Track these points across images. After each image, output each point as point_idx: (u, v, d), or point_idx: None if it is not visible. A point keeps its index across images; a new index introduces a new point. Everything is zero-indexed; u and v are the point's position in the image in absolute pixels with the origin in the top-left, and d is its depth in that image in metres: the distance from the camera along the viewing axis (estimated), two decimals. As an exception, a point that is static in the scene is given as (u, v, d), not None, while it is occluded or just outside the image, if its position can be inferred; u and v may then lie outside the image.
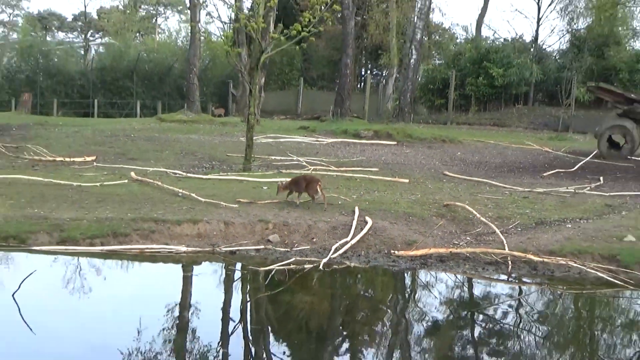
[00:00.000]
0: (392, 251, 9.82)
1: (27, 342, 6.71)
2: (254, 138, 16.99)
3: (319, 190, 11.60)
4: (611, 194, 14.03)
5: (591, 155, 19.63)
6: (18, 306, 7.49)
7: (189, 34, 42.54)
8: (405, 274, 9.49)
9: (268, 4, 16.18)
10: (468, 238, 10.51)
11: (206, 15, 30.36)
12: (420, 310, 8.66)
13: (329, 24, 18.65)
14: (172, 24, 62.33)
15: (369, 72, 48.91)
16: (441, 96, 35.90)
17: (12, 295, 7.80)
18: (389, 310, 8.66)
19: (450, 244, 10.17)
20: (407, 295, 9.15)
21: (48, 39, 59.68)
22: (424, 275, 9.50)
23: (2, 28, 62.50)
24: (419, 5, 38.71)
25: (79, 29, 63.43)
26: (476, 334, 7.77)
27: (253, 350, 7.05)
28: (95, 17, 62.93)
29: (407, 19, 40.51)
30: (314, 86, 42.89)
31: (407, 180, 15.34)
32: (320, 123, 31.32)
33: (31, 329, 6.94)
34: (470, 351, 7.16)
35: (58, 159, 17.63)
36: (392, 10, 42.09)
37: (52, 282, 8.70)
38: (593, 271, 9.00)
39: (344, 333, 7.88)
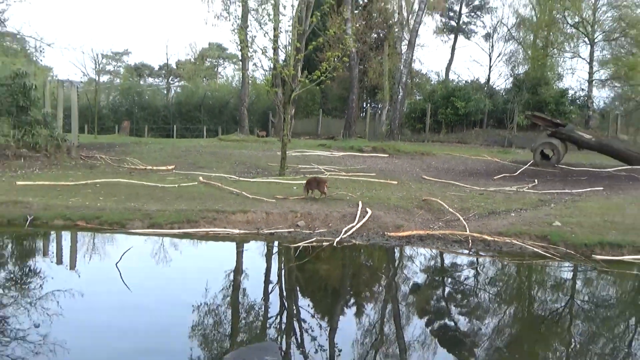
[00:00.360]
0: (385, 233, 9.83)
1: (125, 297, 6.77)
2: (287, 152, 17.05)
3: (325, 188, 11.98)
4: (543, 191, 13.97)
5: (528, 164, 19.57)
6: (119, 271, 7.57)
7: (241, 78, 42.60)
8: (395, 249, 9.50)
9: (297, 57, 16.25)
10: (440, 223, 10.51)
11: (253, 65, 30.37)
12: (405, 274, 8.68)
13: (339, 71, 18.61)
14: (228, 72, 62.32)
15: (368, 104, 48.83)
16: (420, 122, 35.81)
17: (116, 264, 7.88)
18: (382, 274, 8.67)
19: (427, 228, 10.17)
20: (396, 263, 9.16)
21: (141, 82, 60.08)
22: (408, 250, 9.51)
23: (108, 75, 62.89)
24: (404, 58, 38.60)
25: (163, 75, 63.72)
26: (446, 290, 7.80)
27: (286, 302, 7.09)
28: (174, 67, 63.25)
29: (395, 67, 40.46)
30: (329, 115, 42.84)
31: (396, 182, 15.33)
32: (334, 141, 31.32)
33: (128, 288, 7.00)
34: (442, 303, 7.18)
35: (148, 167, 17.76)
36: (385, 61, 42.03)
37: (143, 255, 8.77)
38: (530, 247, 8.99)
39: (350, 289, 7.93)
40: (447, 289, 7.89)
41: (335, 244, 9.18)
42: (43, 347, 5.09)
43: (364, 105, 47.89)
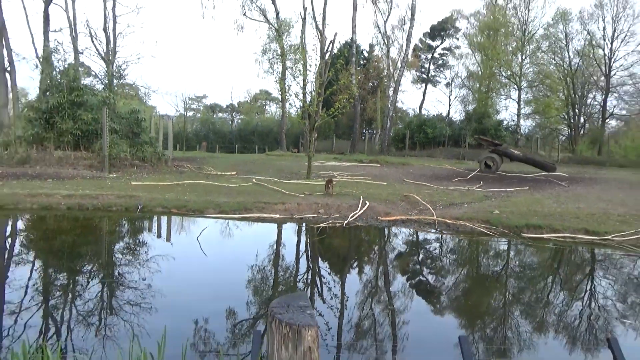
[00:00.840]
0: (379, 217, 9.73)
1: (203, 259, 6.76)
2: (311, 163, 17.01)
3: (332, 184, 12.10)
4: (486, 190, 13.76)
5: (476, 171, 19.28)
6: (199, 242, 7.56)
7: (281, 113, 42.74)
8: (385, 229, 9.40)
9: (318, 99, 16.24)
10: (415, 211, 10.37)
11: (288, 104, 30.65)
12: (392, 245, 8.57)
13: (347, 108, 18.58)
14: (272, 109, 62.40)
15: (366, 130, 48.56)
16: (402, 142, 35.51)
17: (197, 238, 7.88)
18: (376, 245, 8.59)
19: (407, 214, 10.05)
20: (385, 238, 9.05)
21: (214, 116, 60.42)
22: (394, 229, 9.40)
23: (192, 111, 63.27)
24: (391, 99, 38.48)
25: (229, 111, 63.94)
26: (420, 256, 7.68)
27: (311, 264, 7.03)
28: (237, 105, 63.63)
29: (385, 105, 40.33)
30: (340, 137, 42.59)
31: (385, 183, 15.17)
32: (343, 155, 31.15)
33: (205, 254, 6.99)
34: (417, 265, 7.07)
35: (218, 173, 17.81)
36: (378, 101, 42.01)
37: (215, 231, 8.77)
38: (478, 228, 8.84)
39: (355, 255, 7.84)
40: (420, 256, 7.78)
41: (344, 225, 9.11)
42: (148, 294, 5.09)
43: (364, 131, 47.71)
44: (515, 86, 38.47)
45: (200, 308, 4.74)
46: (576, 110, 37.26)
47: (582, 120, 38.37)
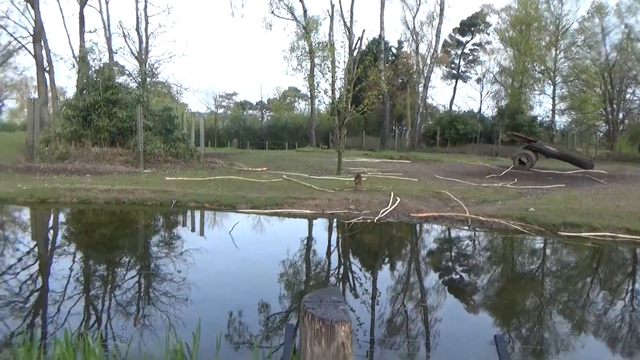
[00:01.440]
0: (410, 214, 9.64)
1: (235, 253, 6.84)
2: (341, 159, 16.98)
3: (360, 179, 12.09)
4: (521, 187, 13.45)
5: (510, 168, 18.88)
6: (231, 237, 7.65)
7: (310, 110, 42.86)
8: (416, 225, 9.29)
9: (347, 95, 16.19)
10: (448, 208, 10.22)
11: (317, 101, 30.73)
12: (424, 242, 8.48)
13: (376, 104, 18.51)
14: (302, 106, 62.59)
15: (396, 127, 47.99)
16: (432, 139, 35.17)
17: (229, 232, 7.97)
18: (407, 242, 8.50)
19: (439, 211, 9.92)
20: (417, 235, 8.96)
21: (244, 113, 61.00)
22: (425, 226, 9.29)
23: (223, 109, 63.99)
24: (420, 95, 38.13)
25: (259, 108, 64.46)
26: (453, 253, 7.57)
27: (342, 260, 7.02)
28: (266, 102, 64.04)
29: (415, 102, 39.92)
30: (369, 134, 42.35)
31: (416, 180, 15.03)
32: (373, 152, 31.01)
33: (237, 246, 7.07)
34: (449, 262, 6.97)
35: (249, 168, 18.00)
36: (407, 98, 41.56)
37: (246, 226, 8.86)
38: (513, 225, 8.64)
39: (386, 251, 7.80)
40: (453, 253, 7.66)
41: (375, 221, 9.06)
42: (183, 286, 5.18)
43: (393, 128, 47.27)
44: (550, 81, 37.46)
45: (233, 301, 4.80)
46: (614, 105, 35.96)
47: (620, 115, 37.01)
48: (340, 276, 6.09)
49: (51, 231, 8.57)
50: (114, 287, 5.25)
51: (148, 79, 27.30)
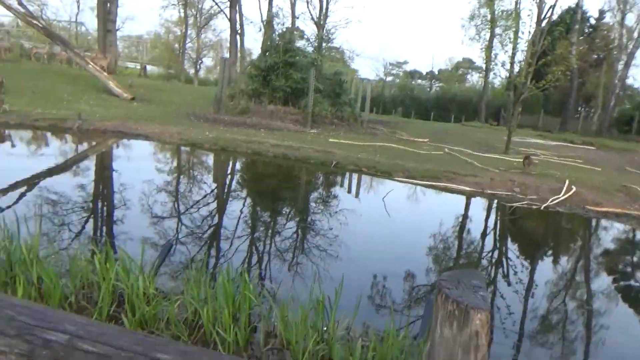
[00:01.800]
0: (585, 206, 8.54)
1: (385, 220, 6.86)
2: (511, 138, 15.72)
3: (530, 161, 11.22)
4: None
5: None
6: (384, 203, 7.70)
7: (483, 83, 40.34)
8: (592, 220, 8.22)
9: (528, 69, 14.76)
10: (636, 206, 8.79)
11: (492, 74, 28.72)
12: (599, 240, 7.49)
13: (561, 81, 16.51)
14: (474, 78, 59.24)
15: (582, 108, 42.39)
16: (627, 125, 30.30)
17: (382, 198, 8.05)
18: (578, 236, 7.59)
19: (624, 207, 8.59)
20: (591, 230, 7.93)
21: (412, 82, 60.05)
22: (604, 222, 8.15)
23: (392, 77, 63.83)
24: (619, 75, 32.97)
25: (427, 78, 62.81)
26: (635, 258, 6.54)
27: (498, 244, 6.59)
28: (436, 73, 62.04)
29: (610, 81, 34.63)
30: (548, 113, 38.13)
31: (599, 169, 13.21)
32: (550, 134, 28.04)
33: (388, 213, 7.08)
34: (628, 268, 6.04)
35: (410, 138, 17.78)
36: (602, 76, 36.18)
37: (400, 195, 8.82)
38: None
39: (550, 243, 7.08)
40: (635, 258, 6.60)
41: (542, 208, 8.25)
42: (334, 242, 5.41)
43: (579, 109, 41.86)
44: None
45: (378, 265, 4.87)
46: None
47: None
48: (492, 260, 5.73)
49: (228, 176, 9.69)
50: (274, 233, 5.74)
51: (323, 44, 28.44)
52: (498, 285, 4.84)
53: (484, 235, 6.90)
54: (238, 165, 10.83)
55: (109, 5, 26.60)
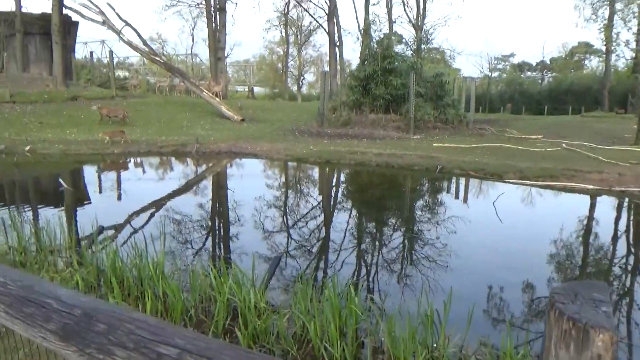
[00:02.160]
0: None
1: (497, 224, 6.47)
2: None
3: None
4: None
5: None
6: (495, 208, 7.26)
7: (604, 68, 36.39)
8: None
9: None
10: None
11: (615, 55, 25.70)
12: None
13: None
14: (593, 63, 53.52)
15: None
16: None
17: (493, 203, 7.60)
18: None
19: None
20: None
21: (522, 75, 56.24)
22: None
23: (498, 72, 60.24)
24: None
25: (539, 69, 58.31)
26: None
27: (633, 247, 5.84)
28: (548, 62, 57.38)
29: None
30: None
31: None
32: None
33: (500, 219, 6.65)
34: None
35: (522, 136, 16.63)
36: None
37: (513, 198, 8.24)
38: None
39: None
40: None
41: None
42: (443, 252, 5.23)
43: None
44: None
45: (490, 274, 4.59)
46: None
47: None
48: (625, 268, 5.10)
49: (333, 188, 9.86)
50: (382, 244, 5.70)
51: (422, 46, 27.86)
52: (631, 300, 4.30)
53: (616, 238, 6.18)
54: (342, 177, 10.98)
55: (218, 34, 28.80)
